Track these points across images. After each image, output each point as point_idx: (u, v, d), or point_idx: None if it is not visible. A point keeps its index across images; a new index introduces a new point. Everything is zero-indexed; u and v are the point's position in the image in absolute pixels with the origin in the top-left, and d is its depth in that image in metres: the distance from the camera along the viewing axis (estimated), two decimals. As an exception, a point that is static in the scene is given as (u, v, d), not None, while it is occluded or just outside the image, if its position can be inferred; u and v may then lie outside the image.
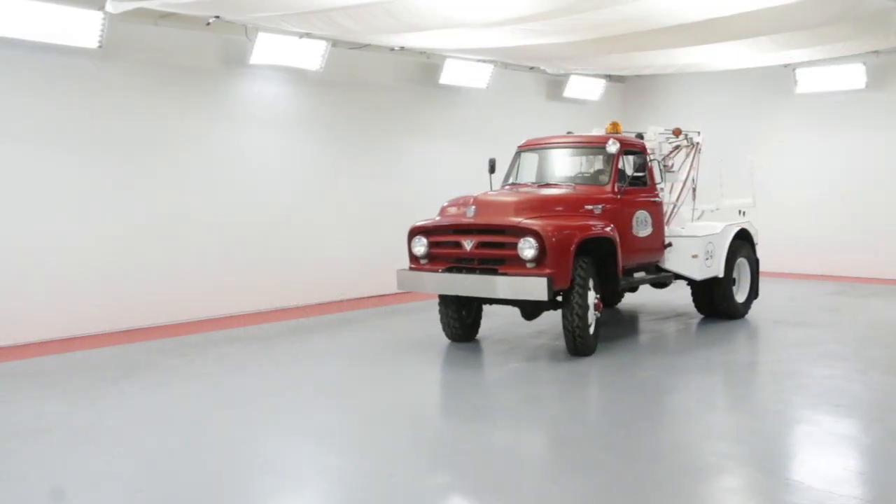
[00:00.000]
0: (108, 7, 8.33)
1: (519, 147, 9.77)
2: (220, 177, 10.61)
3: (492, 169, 9.49)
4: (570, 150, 9.68)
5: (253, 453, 5.68)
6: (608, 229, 8.23)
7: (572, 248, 7.69)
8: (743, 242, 10.31)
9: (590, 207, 8.38)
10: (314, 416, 6.59)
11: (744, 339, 9.29)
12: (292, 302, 11.29)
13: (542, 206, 8.19)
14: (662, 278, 9.65)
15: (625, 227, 8.64)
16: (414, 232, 8.52)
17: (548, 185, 9.06)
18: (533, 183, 9.18)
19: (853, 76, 13.49)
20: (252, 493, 5.01)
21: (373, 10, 8.55)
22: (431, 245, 8.34)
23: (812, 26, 9.86)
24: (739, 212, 10.74)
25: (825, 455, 5.50)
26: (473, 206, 8.11)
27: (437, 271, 8.23)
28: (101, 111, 9.48)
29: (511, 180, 9.41)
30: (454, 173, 8.95)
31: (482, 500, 4.85)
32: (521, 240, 7.65)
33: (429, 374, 8.04)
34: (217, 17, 9.25)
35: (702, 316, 10.39)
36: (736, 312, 10.19)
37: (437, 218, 8.51)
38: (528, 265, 7.63)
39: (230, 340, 9.49)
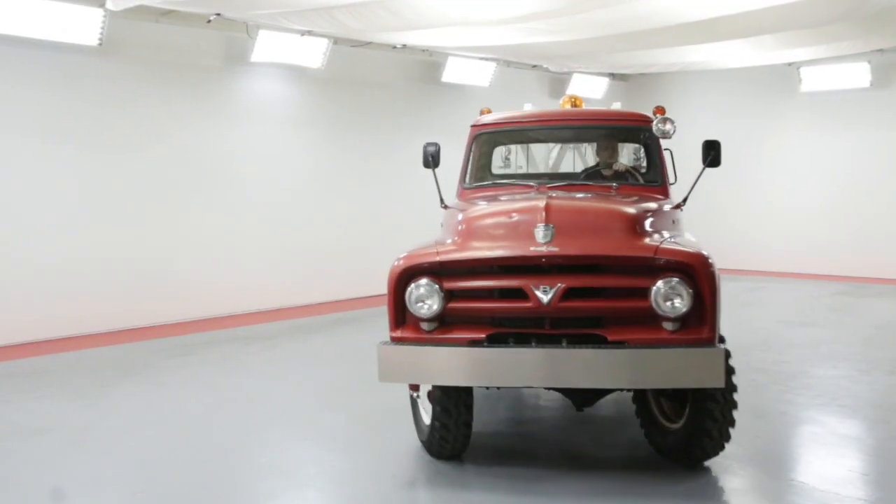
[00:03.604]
0: (109, 4, 8.31)
1: (477, 127, 6.45)
2: (221, 175, 10.56)
3: (435, 161, 6.10)
4: (580, 132, 6.77)
5: (254, 454, 5.64)
6: None
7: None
8: None
9: (674, 220, 5.57)
10: (315, 416, 6.54)
11: (747, 339, 9.22)
12: (293, 301, 11.25)
13: (651, 221, 5.05)
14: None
15: None
16: (410, 273, 4.81)
17: (572, 186, 5.87)
18: (540, 183, 5.87)
19: (858, 75, 13.43)
20: (253, 494, 4.97)
21: (374, 8, 8.52)
22: (452, 296, 4.74)
23: (817, 24, 9.82)
24: None
25: (829, 456, 5.45)
26: (550, 225, 4.59)
27: (465, 344, 4.65)
28: (101, 109, 9.44)
29: (475, 180, 6.27)
30: (456, 172, 8.80)
31: (485, 498, 4.80)
32: (661, 281, 4.48)
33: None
34: (218, 14, 9.22)
35: None
36: None
37: (453, 243, 4.97)
38: (669, 325, 4.53)
39: (230, 340, 9.44)
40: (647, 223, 4.91)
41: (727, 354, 4.55)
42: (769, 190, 14.85)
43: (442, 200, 5.98)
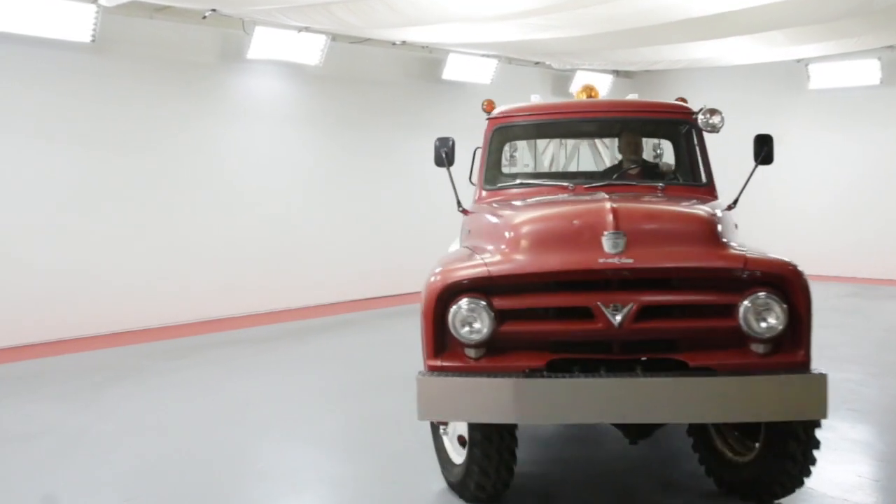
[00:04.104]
0: (102, 0, 8.21)
1: (497, 119, 5.79)
2: (217, 174, 10.45)
3: (449, 159, 5.52)
4: (615, 125, 5.97)
5: (251, 459, 5.58)
6: None
7: None
8: None
9: (736, 224, 5.04)
10: (314, 420, 6.46)
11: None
12: (291, 303, 11.11)
13: (721, 226, 4.44)
14: None
15: None
16: (453, 290, 4.08)
17: (612, 186, 5.15)
18: (576, 183, 5.25)
19: (868, 72, 13.25)
20: (249, 499, 4.91)
21: (373, 4, 8.45)
22: (504, 317, 4.05)
23: (825, 20, 9.74)
24: None
25: (840, 461, 5.30)
26: (621, 233, 4.00)
27: (522, 373, 4.01)
28: (95, 107, 9.33)
29: (497, 180, 5.63)
30: (456, 170, 8.57)
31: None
32: (750, 296, 3.95)
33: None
34: (213, 10, 9.08)
35: None
36: None
37: (500, 253, 4.27)
38: (759, 348, 4.01)
39: (227, 343, 9.35)
40: (720, 228, 4.34)
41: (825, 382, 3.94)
42: (774, 188, 14.60)
43: (459, 204, 5.36)
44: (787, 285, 3.99)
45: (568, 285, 4.07)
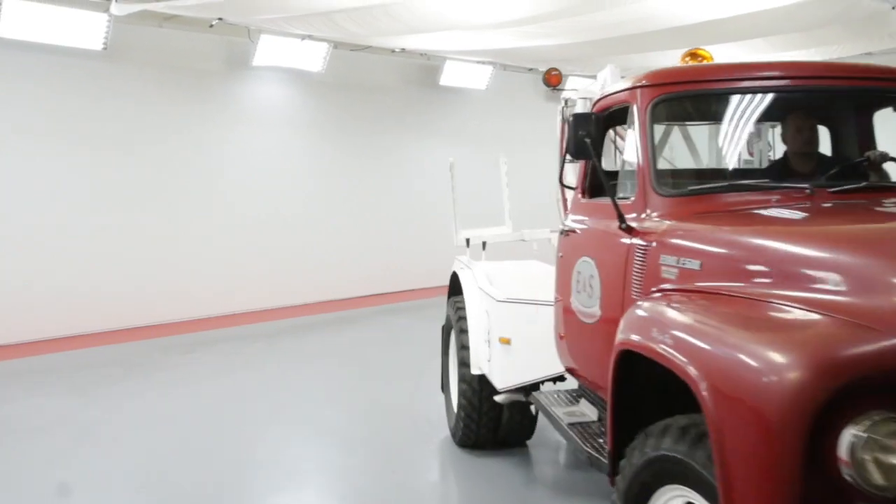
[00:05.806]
0: (113, 9, 8.42)
1: (655, 88, 3.68)
2: (223, 177, 10.64)
3: (596, 146, 3.69)
4: (830, 100, 4.18)
5: (256, 450, 5.65)
6: None
7: None
8: None
9: None
10: (315, 413, 6.54)
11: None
12: (294, 300, 11.35)
13: None
14: None
15: None
16: (846, 390, 1.95)
17: (874, 192, 3.53)
18: (815, 185, 3.45)
19: (849, 78, 13.43)
20: (255, 490, 4.97)
21: (374, 13, 8.58)
22: None
23: (806, 28, 9.86)
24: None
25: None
26: None
27: None
28: (105, 112, 9.53)
29: (679, 184, 3.68)
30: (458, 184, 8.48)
31: (480, 500, 4.81)
32: None
33: (432, 374, 7.98)
34: (220, 19, 9.25)
35: None
36: None
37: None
38: None
39: (232, 339, 9.48)
40: None
41: None
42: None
43: (623, 220, 3.40)
44: None
45: None
